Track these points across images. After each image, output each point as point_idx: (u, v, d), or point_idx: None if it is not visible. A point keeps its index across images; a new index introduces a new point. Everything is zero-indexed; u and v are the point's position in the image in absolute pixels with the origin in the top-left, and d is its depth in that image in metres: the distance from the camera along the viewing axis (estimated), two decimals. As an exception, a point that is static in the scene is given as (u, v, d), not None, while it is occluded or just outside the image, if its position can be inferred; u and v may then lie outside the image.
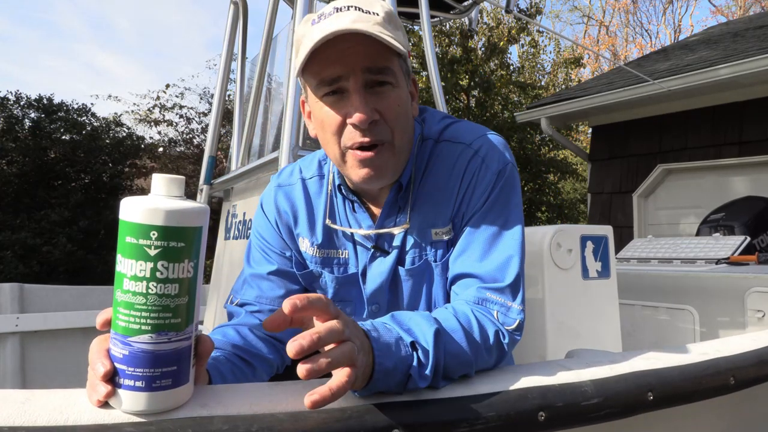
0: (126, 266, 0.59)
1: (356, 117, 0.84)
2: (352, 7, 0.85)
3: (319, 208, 1.04)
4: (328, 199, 1.03)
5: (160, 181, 0.61)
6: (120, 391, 0.59)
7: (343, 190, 1.00)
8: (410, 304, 1.00)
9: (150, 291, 0.59)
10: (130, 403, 0.59)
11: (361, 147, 0.88)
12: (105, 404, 0.60)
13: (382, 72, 0.86)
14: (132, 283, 0.59)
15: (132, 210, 0.59)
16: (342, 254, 1.03)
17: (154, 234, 0.58)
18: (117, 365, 0.60)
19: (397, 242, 0.98)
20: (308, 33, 0.85)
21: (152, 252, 0.58)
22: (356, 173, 0.90)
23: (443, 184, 0.96)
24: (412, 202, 0.97)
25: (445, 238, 0.97)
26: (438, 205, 0.96)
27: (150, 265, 0.58)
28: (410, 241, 0.98)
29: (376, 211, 1.00)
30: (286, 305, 0.61)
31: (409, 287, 0.99)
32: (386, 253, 0.99)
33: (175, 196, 0.61)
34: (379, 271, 1.00)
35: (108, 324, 0.62)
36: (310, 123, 0.97)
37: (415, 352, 0.71)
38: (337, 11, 0.85)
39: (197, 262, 0.62)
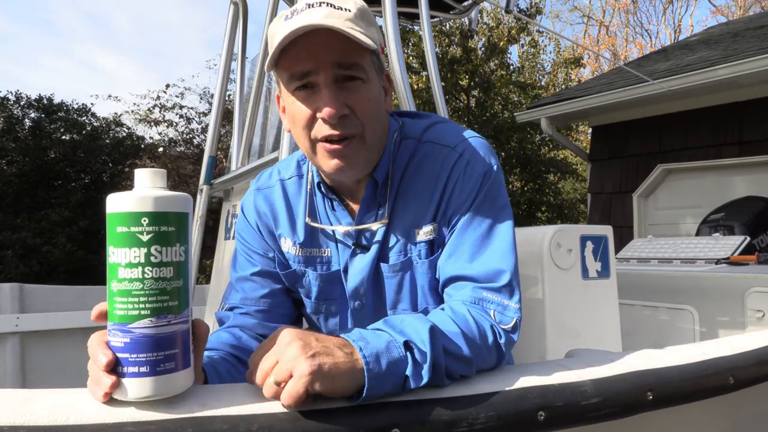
0: (119, 256, 0.60)
1: (326, 111, 0.85)
2: (324, 3, 0.86)
3: (299, 207, 1.04)
4: (307, 198, 1.03)
5: (143, 174, 0.63)
6: (124, 380, 0.60)
7: (322, 188, 1.00)
8: (393, 301, 1.00)
9: (146, 275, 0.60)
10: (136, 390, 0.59)
11: (330, 140, 0.89)
12: (110, 400, 0.60)
13: (352, 68, 0.87)
14: (127, 271, 0.60)
15: (121, 201, 0.61)
16: (324, 252, 1.03)
17: (145, 220, 0.60)
18: (119, 355, 0.60)
19: (378, 237, 0.99)
20: (280, 29, 0.86)
21: (145, 237, 0.60)
22: (326, 164, 0.91)
23: (426, 185, 0.96)
24: (392, 200, 0.97)
25: (428, 237, 0.97)
26: (421, 206, 0.96)
27: (144, 250, 0.60)
28: (393, 238, 0.98)
29: (355, 207, 1.00)
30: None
31: (393, 285, 0.99)
32: (366, 249, 1.00)
33: (159, 187, 0.63)
34: (360, 267, 1.00)
35: (103, 316, 0.62)
36: (284, 117, 0.98)
37: (409, 352, 0.71)
38: (308, 7, 0.86)
39: (187, 247, 0.64)
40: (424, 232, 0.96)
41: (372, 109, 0.90)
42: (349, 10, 0.86)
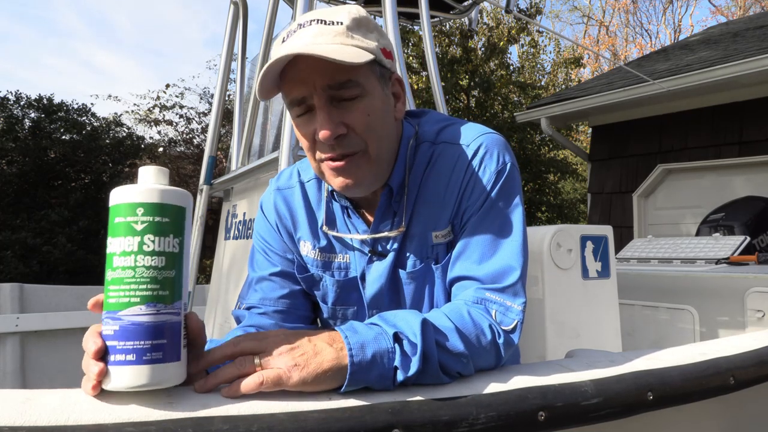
0: (115, 245, 0.62)
1: (321, 134, 0.85)
2: (314, 21, 0.85)
3: (319, 212, 1.04)
4: (325, 205, 1.03)
5: (146, 171, 0.66)
6: (111, 367, 0.60)
7: (336, 196, 1.00)
8: (412, 308, 0.99)
9: (138, 263, 0.61)
10: (122, 378, 0.60)
11: (332, 159, 0.89)
12: (107, 396, 0.60)
13: (345, 86, 0.85)
14: (121, 259, 0.61)
15: (120, 194, 0.64)
16: (343, 258, 1.03)
17: (140, 210, 0.62)
18: (108, 343, 0.61)
19: (394, 245, 0.98)
20: (274, 54, 0.85)
21: (139, 227, 0.62)
22: (334, 182, 0.91)
23: (443, 186, 0.95)
24: (410, 206, 0.96)
25: (445, 240, 0.96)
26: (438, 208, 0.95)
27: (137, 239, 0.62)
28: (411, 244, 0.97)
29: (371, 216, 1.00)
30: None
31: (411, 291, 0.99)
32: (383, 257, 0.99)
33: (161, 183, 0.65)
34: (377, 275, 0.99)
35: (99, 306, 0.63)
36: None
37: (398, 344, 0.72)
38: (300, 27, 0.85)
39: (182, 240, 0.65)
40: (442, 235, 0.96)
41: (374, 122, 0.88)
42: (341, 23, 0.84)
